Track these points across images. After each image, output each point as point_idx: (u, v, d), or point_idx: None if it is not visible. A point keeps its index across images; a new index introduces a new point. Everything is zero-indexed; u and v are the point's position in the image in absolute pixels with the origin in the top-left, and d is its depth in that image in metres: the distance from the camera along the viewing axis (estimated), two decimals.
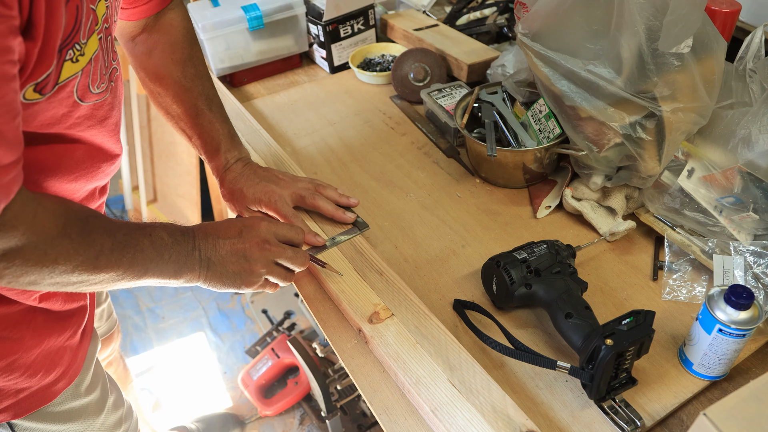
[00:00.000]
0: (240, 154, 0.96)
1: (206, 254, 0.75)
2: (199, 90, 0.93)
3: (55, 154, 0.68)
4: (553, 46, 0.90)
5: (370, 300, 0.81)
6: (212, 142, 0.95)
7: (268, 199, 0.92)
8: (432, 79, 1.29)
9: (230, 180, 0.95)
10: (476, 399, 0.68)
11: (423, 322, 0.78)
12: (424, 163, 1.13)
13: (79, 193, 0.75)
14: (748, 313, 0.68)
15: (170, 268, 0.72)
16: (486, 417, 0.66)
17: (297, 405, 1.80)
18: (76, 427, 0.85)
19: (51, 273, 0.60)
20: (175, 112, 0.94)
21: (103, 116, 0.71)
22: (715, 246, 0.86)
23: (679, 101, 0.83)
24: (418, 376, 0.72)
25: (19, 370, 0.72)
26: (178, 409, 1.84)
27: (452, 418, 0.67)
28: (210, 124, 0.94)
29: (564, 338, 0.74)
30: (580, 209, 0.96)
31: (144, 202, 2.27)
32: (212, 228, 0.78)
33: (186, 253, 0.73)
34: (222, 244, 0.76)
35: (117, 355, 1.35)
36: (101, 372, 0.93)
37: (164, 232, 0.72)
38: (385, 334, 0.77)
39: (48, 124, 0.64)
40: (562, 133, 0.98)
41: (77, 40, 0.60)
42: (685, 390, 0.73)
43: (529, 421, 0.66)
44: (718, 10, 0.99)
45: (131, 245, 0.67)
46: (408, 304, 0.81)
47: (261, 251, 0.77)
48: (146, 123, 2.14)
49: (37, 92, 0.58)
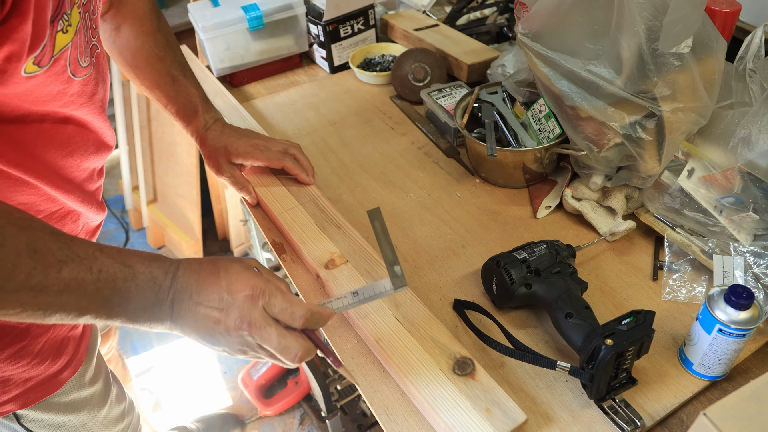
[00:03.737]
0: (216, 115, 1.01)
1: (179, 311, 0.62)
2: (172, 58, 0.97)
3: (47, 130, 0.69)
4: (553, 46, 0.90)
5: (328, 249, 0.88)
6: (190, 106, 0.98)
7: (254, 149, 0.97)
8: (432, 79, 1.29)
9: (212, 137, 0.98)
10: (417, 331, 0.76)
11: (374, 267, 0.85)
12: (424, 163, 1.13)
13: (79, 171, 0.76)
14: (748, 313, 0.68)
15: (120, 315, 0.59)
16: (425, 346, 0.74)
17: (297, 405, 1.80)
18: (80, 419, 0.86)
19: None
20: (150, 81, 0.97)
21: (91, 92, 0.73)
22: (715, 246, 0.86)
23: (679, 101, 0.83)
24: (366, 311, 0.79)
25: (27, 357, 0.73)
26: (179, 409, 1.84)
27: (394, 348, 0.74)
28: (186, 89, 0.98)
29: (564, 338, 0.74)
30: (580, 209, 0.96)
31: (144, 202, 2.27)
32: (194, 279, 0.63)
33: (149, 304, 0.60)
34: (198, 307, 0.62)
35: (115, 353, 1.36)
36: (103, 364, 0.94)
37: (122, 272, 0.58)
38: (339, 277, 0.84)
39: (44, 100, 0.65)
40: (562, 133, 0.98)
41: (64, 11, 0.61)
42: (685, 390, 0.73)
43: (463, 349, 0.73)
44: (718, 10, 0.99)
45: (62, 276, 0.54)
46: (362, 252, 0.87)
47: (238, 331, 0.62)
48: (146, 123, 2.15)
49: (36, 65, 0.59)
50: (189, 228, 2.14)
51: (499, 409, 0.67)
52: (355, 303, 0.73)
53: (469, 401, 0.67)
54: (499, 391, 0.68)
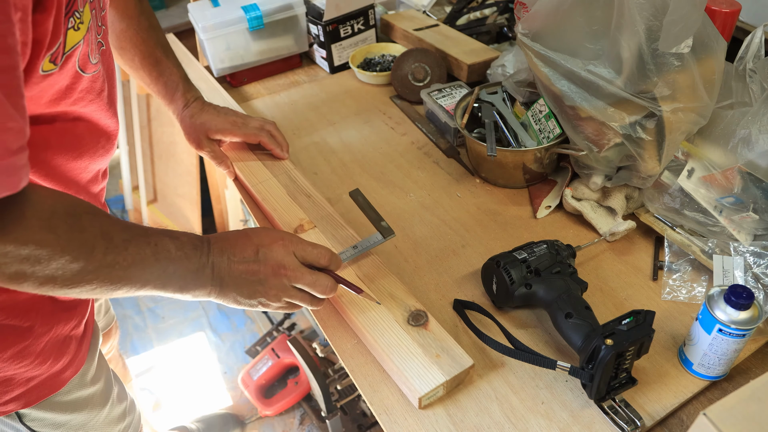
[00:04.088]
0: (197, 94, 1.06)
1: (219, 272, 0.71)
2: (155, 40, 1.01)
3: (58, 130, 0.70)
4: (553, 46, 0.90)
5: (297, 216, 0.96)
6: (172, 85, 1.03)
7: (232, 125, 1.03)
8: (432, 79, 1.29)
9: (191, 115, 1.03)
10: (376, 287, 0.82)
11: (339, 231, 0.92)
12: (424, 163, 1.13)
13: (86, 173, 0.76)
14: (747, 313, 0.68)
15: (174, 283, 0.68)
16: (383, 301, 0.81)
17: (297, 405, 1.80)
18: (82, 417, 0.87)
19: (32, 269, 0.56)
20: (135, 62, 1.01)
21: (99, 88, 0.73)
22: (715, 246, 0.86)
23: (679, 101, 0.83)
24: None
25: (29, 357, 0.73)
26: (179, 409, 1.84)
27: (354, 302, 0.81)
28: (169, 69, 1.03)
29: (564, 338, 0.74)
30: (580, 209, 0.96)
31: (144, 202, 2.27)
32: (228, 244, 0.72)
33: (194, 269, 0.69)
34: (236, 264, 0.71)
35: (116, 353, 1.36)
36: (105, 364, 0.94)
37: (172, 243, 0.67)
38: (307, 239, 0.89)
39: (55, 99, 0.65)
40: (562, 133, 0.98)
41: (76, 8, 0.61)
42: (685, 390, 0.74)
43: (418, 303, 0.80)
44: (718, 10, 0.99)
45: (130, 252, 0.62)
46: (328, 218, 0.95)
47: (276, 276, 0.72)
48: (146, 123, 2.15)
49: (52, 62, 0.60)
50: (189, 228, 2.14)
51: (448, 355, 0.73)
52: (356, 253, 0.85)
53: (421, 349, 0.74)
54: (450, 340, 0.75)
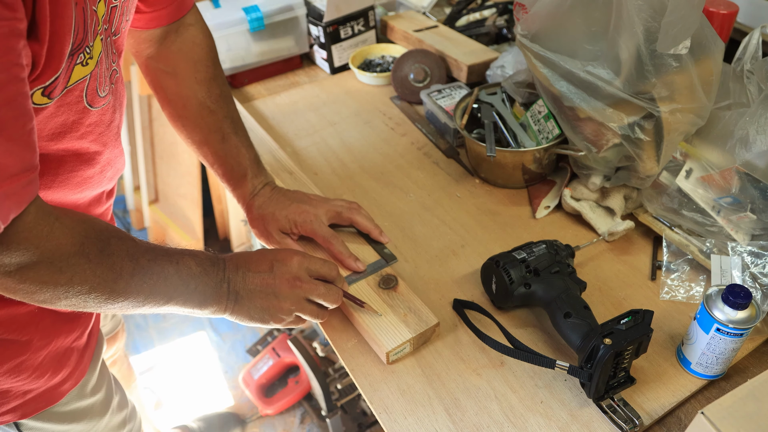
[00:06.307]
0: (266, 179, 0.94)
1: (235, 287, 0.73)
2: (225, 112, 0.89)
3: (63, 172, 0.67)
4: (552, 47, 0.90)
5: None
6: (239, 168, 0.91)
7: (303, 220, 0.88)
8: (432, 80, 1.29)
9: (259, 205, 0.91)
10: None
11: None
12: (423, 164, 1.13)
13: (85, 200, 0.75)
14: (745, 312, 0.68)
15: (195, 299, 0.70)
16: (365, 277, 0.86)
17: (298, 404, 1.81)
18: (80, 428, 0.85)
19: (66, 293, 0.59)
20: (198, 136, 0.90)
21: (108, 120, 0.70)
22: (713, 246, 0.86)
23: (677, 102, 0.83)
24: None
25: (26, 371, 0.72)
26: (180, 408, 1.84)
27: None
28: (236, 149, 0.90)
29: (563, 337, 0.75)
30: (579, 209, 0.97)
31: (146, 202, 2.28)
32: (243, 260, 0.75)
33: (214, 284, 0.71)
34: (252, 278, 0.74)
35: (121, 354, 1.35)
36: (106, 373, 0.92)
37: (192, 260, 0.70)
38: None
39: (59, 132, 0.63)
40: (561, 133, 0.98)
41: (87, 44, 0.59)
42: (683, 389, 0.74)
43: (389, 269, 0.87)
44: (716, 11, 0.99)
45: (155, 271, 0.65)
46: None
47: (291, 288, 0.74)
48: (148, 124, 2.15)
49: (45, 96, 0.57)
50: (190, 228, 2.14)
51: (415, 315, 0.80)
52: (361, 278, 0.87)
53: (390, 309, 0.81)
54: (417, 301, 0.82)
